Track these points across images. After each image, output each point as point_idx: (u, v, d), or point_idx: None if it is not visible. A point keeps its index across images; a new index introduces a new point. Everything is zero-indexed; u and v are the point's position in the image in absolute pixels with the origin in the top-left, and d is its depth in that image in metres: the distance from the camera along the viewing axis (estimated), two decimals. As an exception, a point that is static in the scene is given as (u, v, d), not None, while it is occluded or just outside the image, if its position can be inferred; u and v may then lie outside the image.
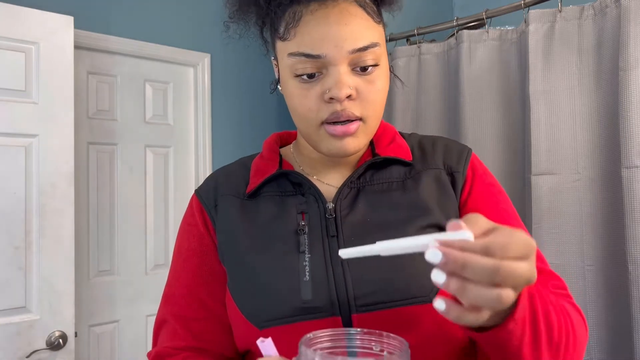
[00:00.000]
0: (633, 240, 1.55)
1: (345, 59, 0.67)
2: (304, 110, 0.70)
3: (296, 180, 0.77)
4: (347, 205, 0.74)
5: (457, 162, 0.78)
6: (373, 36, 0.68)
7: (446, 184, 0.76)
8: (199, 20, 2.37)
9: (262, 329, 0.68)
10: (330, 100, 0.67)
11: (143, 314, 2.21)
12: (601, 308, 1.68)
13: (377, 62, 0.69)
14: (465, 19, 2.09)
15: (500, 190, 0.79)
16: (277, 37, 0.71)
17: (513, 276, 0.44)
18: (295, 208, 0.74)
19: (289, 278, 0.68)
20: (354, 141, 0.70)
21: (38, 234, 1.73)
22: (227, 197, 0.79)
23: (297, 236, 0.72)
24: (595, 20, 1.73)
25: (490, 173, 0.82)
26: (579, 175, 1.75)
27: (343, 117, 0.68)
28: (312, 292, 0.67)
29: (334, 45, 0.66)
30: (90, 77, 2.12)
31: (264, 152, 0.83)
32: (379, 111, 0.72)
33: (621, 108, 1.60)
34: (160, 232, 2.28)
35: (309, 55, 0.67)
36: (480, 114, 2.05)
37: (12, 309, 1.68)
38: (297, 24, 0.67)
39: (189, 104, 2.39)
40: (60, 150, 1.78)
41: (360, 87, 0.68)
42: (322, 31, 0.66)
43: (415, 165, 0.78)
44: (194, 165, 2.38)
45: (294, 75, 0.69)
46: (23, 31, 1.73)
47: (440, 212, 0.73)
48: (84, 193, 2.08)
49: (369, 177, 0.77)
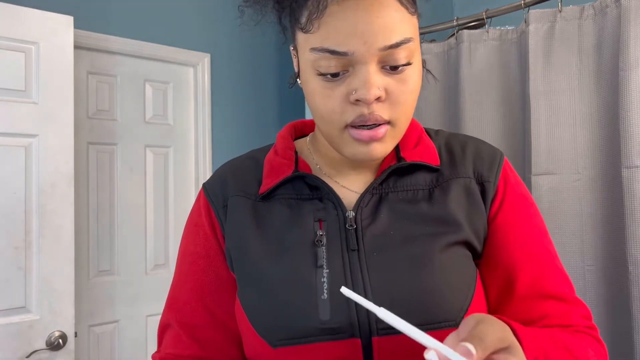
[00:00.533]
0: (633, 240, 1.55)
1: (375, 56, 0.59)
2: (326, 112, 0.63)
3: (313, 183, 0.70)
4: (369, 215, 0.68)
5: (488, 170, 0.72)
6: (407, 30, 0.60)
7: (476, 195, 0.70)
8: (199, 20, 2.37)
9: (275, 348, 0.64)
10: (356, 102, 0.61)
11: (143, 314, 2.21)
12: (601, 308, 1.68)
13: (410, 60, 0.62)
14: (465, 19, 2.09)
15: (532, 202, 0.74)
16: (298, 28, 0.63)
17: None
18: (312, 215, 0.68)
19: (306, 295, 0.63)
20: (381, 146, 0.64)
21: (38, 234, 1.72)
22: (238, 198, 0.73)
23: (315, 248, 0.66)
24: (595, 20, 1.72)
25: (521, 181, 0.76)
26: (579, 175, 1.75)
27: (370, 121, 0.61)
28: (330, 311, 0.62)
29: (363, 41, 0.58)
30: (90, 77, 2.12)
31: (278, 148, 0.76)
32: (409, 114, 0.65)
33: (621, 108, 1.60)
34: (160, 232, 2.28)
35: (334, 52, 0.59)
36: (480, 114, 2.04)
37: (12, 309, 1.68)
38: (322, 15, 0.59)
39: (188, 104, 2.39)
40: (60, 151, 1.78)
41: (390, 87, 0.61)
42: (350, 25, 0.58)
43: (443, 172, 0.72)
44: (194, 165, 2.38)
45: (316, 72, 0.62)
46: (23, 31, 1.73)
47: (469, 227, 0.68)
48: (84, 193, 2.08)
49: (392, 183, 0.71)
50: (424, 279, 0.63)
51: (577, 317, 0.69)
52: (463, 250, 0.68)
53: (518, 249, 0.69)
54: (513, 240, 0.69)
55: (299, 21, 0.62)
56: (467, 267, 0.68)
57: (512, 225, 0.70)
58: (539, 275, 0.69)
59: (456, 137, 0.77)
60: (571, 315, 0.68)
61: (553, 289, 0.69)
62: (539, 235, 0.71)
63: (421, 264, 0.64)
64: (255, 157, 0.78)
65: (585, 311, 0.71)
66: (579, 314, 0.69)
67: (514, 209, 0.71)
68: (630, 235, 1.56)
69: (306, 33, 0.61)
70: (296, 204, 0.70)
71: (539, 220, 0.73)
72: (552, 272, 0.70)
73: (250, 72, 2.54)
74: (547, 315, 0.67)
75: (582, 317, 0.70)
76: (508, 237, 0.70)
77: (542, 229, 0.73)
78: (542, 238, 0.72)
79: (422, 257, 0.62)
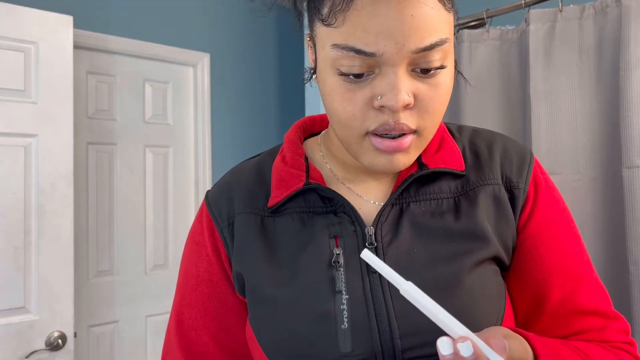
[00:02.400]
0: (634, 240, 1.55)
1: (406, 58, 0.52)
2: (345, 116, 0.56)
3: (327, 194, 0.63)
4: (389, 230, 0.61)
5: (517, 173, 0.65)
6: (443, 30, 0.53)
7: (505, 204, 0.64)
8: (199, 20, 2.36)
9: None
10: (381, 109, 0.54)
11: (142, 314, 2.21)
12: (602, 308, 1.68)
13: (444, 63, 0.55)
14: (466, 19, 2.09)
15: (564, 207, 0.68)
16: (319, 18, 0.55)
17: None
18: (327, 231, 0.62)
19: (324, 324, 0.57)
20: (404, 157, 0.57)
21: (37, 234, 1.72)
22: (245, 216, 0.66)
23: (332, 270, 0.59)
24: (596, 20, 1.72)
25: (553, 184, 0.69)
26: (580, 175, 1.75)
27: (395, 131, 0.55)
28: (352, 342, 0.56)
29: (394, 42, 0.51)
30: (90, 76, 2.11)
31: (287, 155, 0.68)
32: (438, 121, 0.58)
33: (622, 108, 1.60)
34: (160, 232, 2.27)
35: (360, 51, 0.52)
36: (480, 114, 2.04)
37: (12, 309, 1.68)
38: (347, 8, 0.51)
39: (188, 104, 2.39)
40: (60, 150, 1.78)
41: (420, 93, 0.54)
42: (380, 22, 0.50)
43: (469, 177, 0.65)
44: (194, 165, 2.38)
45: (337, 72, 0.54)
46: (22, 31, 1.72)
47: (498, 241, 0.62)
48: (84, 193, 2.07)
49: (413, 192, 0.63)
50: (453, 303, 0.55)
51: (614, 332, 0.64)
52: (492, 266, 0.62)
53: (548, 262, 0.64)
54: (544, 252, 0.64)
55: (320, 11, 0.55)
56: (496, 286, 0.62)
57: (543, 236, 0.64)
58: (571, 290, 0.63)
59: (481, 134, 0.70)
60: (607, 330, 0.63)
61: (587, 304, 0.63)
62: (571, 245, 0.65)
63: (449, 286, 0.58)
64: (261, 164, 0.71)
65: (624, 325, 0.66)
66: (615, 328, 0.64)
67: (545, 218, 0.65)
68: (630, 235, 1.55)
69: (328, 26, 0.54)
70: (309, 218, 0.63)
71: (571, 228, 0.67)
72: (586, 285, 0.64)
73: (250, 72, 2.53)
74: (581, 332, 0.63)
75: (619, 331, 0.64)
76: (538, 249, 0.64)
77: (576, 238, 0.67)
78: (575, 248, 0.65)
79: (450, 278, 0.57)
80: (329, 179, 0.68)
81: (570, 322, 0.63)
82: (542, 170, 0.69)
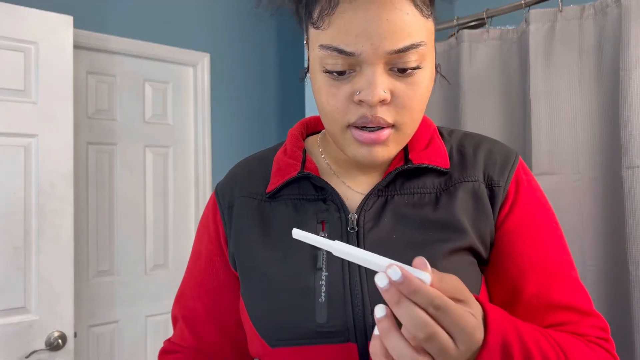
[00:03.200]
0: (634, 240, 1.55)
1: (382, 58, 0.58)
2: (330, 110, 0.62)
3: (319, 184, 0.70)
4: (372, 218, 0.67)
5: (499, 173, 0.69)
6: (418, 34, 0.59)
7: (484, 200, 0.68)
8: (199, 20, 2.36)
9: (273, 347, 0.65)
10: (360, 103, 0.60)
11: (142, 314, 2.21)
12: (602, 308, 1.68)
13: (420, 64, 0.60)
14: (466, 19, 2.09)
15: (547, 208, 0.71)
16: (310, 22, 0.63)
17: (438, 345, 0.44)
18: (316, 216, 0.68)
19: (304, 297, 0.63)
20: (383, 150, 0.63)
21: (37, 234, 1.72)
22: (244, 199, 0.74)
23: (315, 250, 0.66)
24: (596, 20, 1.72)
25: (539, 186, 0.73)
26: (580, 175, 1.75)
27: (372, 124, 0.60)
28: (327, 315, 0.62)
29: (370, 43, 0.57)
30: (90, 76, 2.11)
31: (287, 147, 0.76)
32: (416, 118, 0.63)
33: (622, 108, 1.60)
34: (160, 232, 2.28)
35: (341, 51, 0.58)
36: (480, 113, 2.04)
37: (12, 309, 1.68)
38: (332, 12, 0.58)
39: (188, 104, 2.39)
40: (60, 150, 1.78)
41: (397, 90, 0.60)
42: (359, 25, 0.57)
43: (453, 175, 0.69)
44: (194, 165, 2.38)
45: (323, 69, 0.61)
46: (22, 31, 1.72)
47: (474, 233, 0.66)
48: (84, 193, 2.07)
49: (398, 185, 0.69)
50: None
51: (588, 327, 0.65)
52: (468, 257, 0.66)
53: (526, 257, 0.66)
54: (521, 247, 0.67)
55: (312, 16, 0.62)
56: (471, 274, 0.66)
57: (521, 232, 0.67)
58: (548, 285, 0.65)
59: (470, 137, 0.74)
60: (581, 325, 0.64)
61: (562, 300, 0.65)
62: (550, 243, 0.68)
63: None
64: (265, 156, 0.78)
65: (600, 322, 0.66)
66: (590, 324, 0.65)
67: (524, 215, 0.68)
68: (630, 235, 1.55)
69: (317, 29, 0.61)
70: (301, 204, 0.70)
71: (553, 228, 0.69)
72: (563, 282, 0.66)
73: (250, 72, 2.53)
74: (554, 325, 0.64)
75: (595, 327, 0.65)
76: (516, 244, 0.67)
77: (556, 237, 0.69)
78: (554, 246, 0.68)
79: None
80: (324, 171, 0.74)
81: (545, 316, 0.64)
82: (527, 171, 0.73)
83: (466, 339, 0.46)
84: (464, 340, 0.46)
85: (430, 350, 0.45)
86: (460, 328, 0.45)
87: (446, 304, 0.45)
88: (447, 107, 2.20)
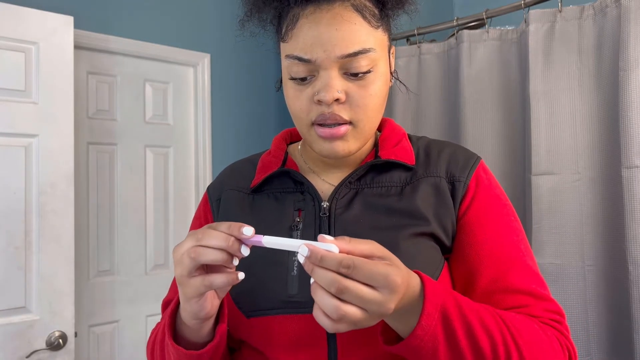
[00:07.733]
0: (633, 240, 1.55)
1: (336, 63, 0.68)
2: (296, 110, 0.72)
3: (297, 179, 0.79)
4: (343, 205, 0.76)
5: (460, 171, 0.77)
6: (367, 41, 0.69)
7: (445, 193, 0.76)
8: (199, 20, 2.37)
9: (249, 318, 0.72)
10: (319, 103, 0.69)
11: (143, 314, 2.21)
12: (601, 308, 1.68)
13: (370, 68, 0.69)
14: (466, 19, 2.09)
15: (505, 203, 0.78)
16: (279, 38, 0.74)
17: (353, 293, 0.52)
18: (293, 205, 0.77)
19: (278, 272, 0.71)
20: (343, 144, 0.72)
21: (38, 234, 1.72)
22: (231, 192, 0.83)
23: (291, 232, 0.74)
24: (595, 20, 1.73)
25: (498, 185, 0.80)
26: (579, 175, 1.75)
27: (330, 120, 0.70)
28: (298, 286, 0.70)
29: (323, 50, 0.67)
30: (90, 77, 2.12)
31: (272, 149, 0.86)
32: (371, 116, 0.72)
33: (621, 108, 1.60)
34: (160, 232, 2.28)
35: (300, 58, 0.69)
36: (480, 114, 2.05)
37: (12, 309, 1.68)
38: (294, 27, 0.69)
39: (188, 104, 2.39)
40: (60, 150, 1.78)
41: (351, 91, 0.69)
42: (313, 35, 0.68)
43: (418, 171, 0.78)
44: (194, 165, 2.38)
45: (289, 76, 0.71)
46: (23, 31, 1.73)
47: (435, 222, 0.74)
48: (84, 193, 2.08)
49: (369, 179, 0.78)
50: None
51: (542, 310, 0.70)
52: (429, 242, 0.73)
53: (484, 244, 0.73)
54: (480, 236, 0.74)
55: (280, 31, 0.73)
56: (432, 256, 0.72)
57: (481, 223, 0.74)
58: (504, 271, 0.71)
59: (436, 142, 0.83)
60: (536, 307, 0.70)
61: (518, 284, 0.71)
62: (507, 234, 0.74)
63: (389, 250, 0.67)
64: (252, 159, 0.88)
65: (555, 307, 0.72)
66: (544, 307, 0.70)
67: (484, 208, 0.75)
68: (630, 235, 1.56)
69: (284, 42, 0.72)
70: (282, 196, 0.79)
71: (510, 221, 0.76)
72: (519, 269, 0.72)
73: (250, 72, 2.54)
74: (510, 308, 0.69)
75: (548, 310, 0.70)
76: (475, 233, 0.74)
77: (514, 229, 0.75)
78: (511, 237, 0.74)
79: (388, 243, 0.64)
80: (303, 169, 0.83)
81: (500, 299, 0.70)
82: (487, 171, 0.81)
83: (383, 283, 0.52)
84: (382, 284, 0.52)
85: (351, 300, 0.52)
86: (373, 276, 0.52)
87: (353, 261, 0.52)
88: (447, 107, 2.20)
